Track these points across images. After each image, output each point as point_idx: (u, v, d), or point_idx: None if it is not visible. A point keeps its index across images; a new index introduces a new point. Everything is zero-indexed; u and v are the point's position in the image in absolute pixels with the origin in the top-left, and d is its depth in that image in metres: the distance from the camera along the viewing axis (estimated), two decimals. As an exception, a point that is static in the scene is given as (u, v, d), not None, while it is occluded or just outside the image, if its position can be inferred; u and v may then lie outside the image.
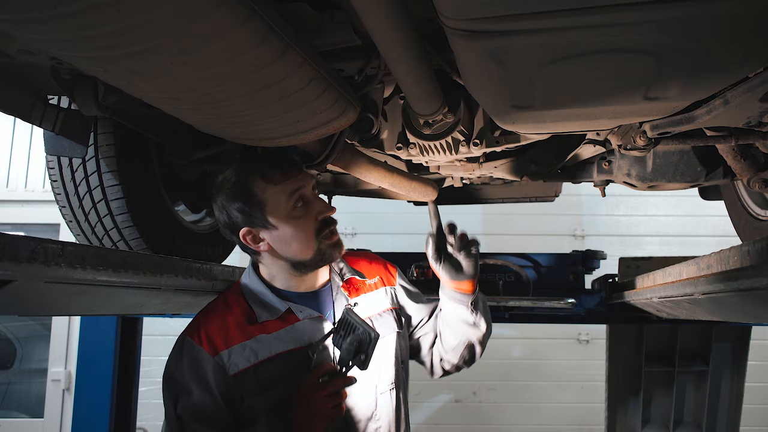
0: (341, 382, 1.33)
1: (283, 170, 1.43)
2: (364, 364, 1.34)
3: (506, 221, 5.36)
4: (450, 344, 1.61)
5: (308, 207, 1.44)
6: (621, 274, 2.81)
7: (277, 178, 1.42)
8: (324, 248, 1.44)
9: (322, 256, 1.45)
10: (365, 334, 1.33)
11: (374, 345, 1.34)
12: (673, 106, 1.23)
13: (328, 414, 1.31)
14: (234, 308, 1.46)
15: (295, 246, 1.44)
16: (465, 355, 1.62)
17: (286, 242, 1.43)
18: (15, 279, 1.01)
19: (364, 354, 1.33)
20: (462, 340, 1.58)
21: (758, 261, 0.96)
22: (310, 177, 1.48)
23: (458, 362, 1.63)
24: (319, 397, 1.30)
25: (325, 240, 1.44)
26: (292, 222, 1.41)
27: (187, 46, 0.89)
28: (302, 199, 1.43)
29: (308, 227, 1.43)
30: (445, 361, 1.65)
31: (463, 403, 5.32)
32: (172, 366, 1.40)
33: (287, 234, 1.42)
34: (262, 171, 1.42)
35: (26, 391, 5.48)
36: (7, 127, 5.52)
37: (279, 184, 1.41)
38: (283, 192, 1.41)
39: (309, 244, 1.43)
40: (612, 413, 3.28)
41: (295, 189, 1.42)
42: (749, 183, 1.68)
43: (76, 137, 1.65)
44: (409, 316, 1.67)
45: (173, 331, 4.89)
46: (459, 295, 1.54)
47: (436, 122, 1.59)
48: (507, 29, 0.88)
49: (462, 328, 1.57)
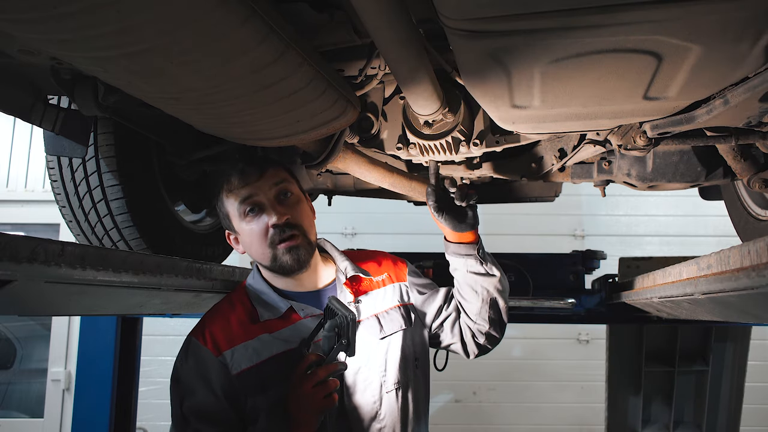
0: (326, 370, 1.33)
1: (240, 176, 1.44)
2: (349, 349, 1.34)
3: (506, 221, 5.36)
4: (473, 309, 1.59)
5: (260, 214, 1.43)
6: (621, 274, 2.81)
7: (234, 184, 1.45)
8: (278, 255, 1.43)
9: (278, 263, 1.44)
10: (342, 318, 1.33)
11: (354, 327, 1.34)
12: (673, 106, 1.23)
13: (320, 405, 1.31)
14: (237, 308, 1.47)
15: (254, 252, 1.47)
16: (491, 315, 1.59)
17: (247, 247, 1.48)
18: (15, 279, 1.01)
19: (345, 338, 1.33)
20: (483, 297, 1.57)
21: (758, 261, 0.96)
22: (271, 183, 1.45)
23: (488, 328, 1.60)
24: (307, 388, 1.30)
25: (278, 247, 1.43)
26: (245, 229, 1.45)
27: (187, 46, 0.89)
28: (255, 205, 1.43)
29: (259, 235, 1.43)
30: (475, 333, 1.62)
31: (463, 403, 5.32)
32: (179, 366, 1.42)
33: (245, 240, 1.47)
34: (227, 176, 1.47)
35: (26, 391, 5.48)
36: (7, 127, 5.52)
37: (234, 191, 1.44)
38: (237, 198, 1.44)
39: (264, 251, 1.44)
40: (612, 413, 3.28)
41: (247, 196, 1.43)
42: (749, 183, 1.68)
43: (76, 137, 1.65)
44: (424, 311, 1.65)
45: (173, 331, 4.90)
46: (464, 247, 1.54)
47: (436, 122, 1.59)
48: (507, 29, 0.88)
49: (477, 282, 1.56)
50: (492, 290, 1.57)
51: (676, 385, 3.15)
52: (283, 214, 1.42)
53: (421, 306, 1.65)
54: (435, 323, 1.65)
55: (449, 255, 1.59)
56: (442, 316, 1.65)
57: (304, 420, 1.32)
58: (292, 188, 1.49)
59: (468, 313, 1.61)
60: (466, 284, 1.58)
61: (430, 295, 1.66)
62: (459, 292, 1.62)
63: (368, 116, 1.68)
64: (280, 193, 1.46)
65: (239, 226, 1.46)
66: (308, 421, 1.32)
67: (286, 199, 1.47)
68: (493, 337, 1.63)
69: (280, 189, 1.46)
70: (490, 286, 1.57)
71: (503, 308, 1.61)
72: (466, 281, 1.58)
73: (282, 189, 1.47)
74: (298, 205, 1.48)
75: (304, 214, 1.48)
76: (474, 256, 1.54)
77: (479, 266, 1.55)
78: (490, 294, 1.57)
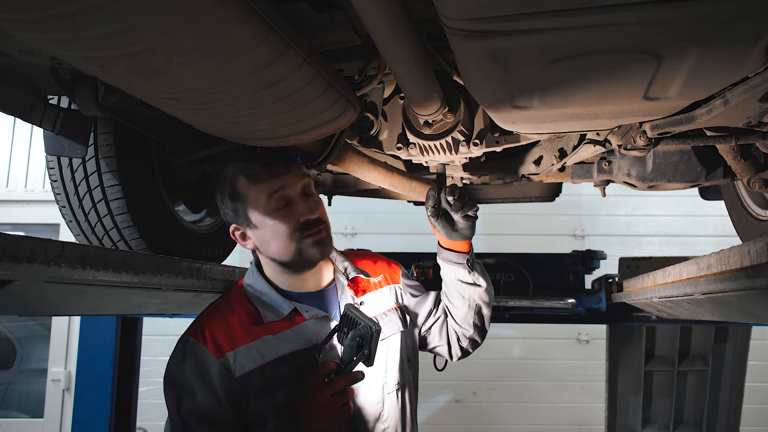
0: (346, 379, 1.32)
1: (269, 169, 1.42)
2: (369, 360, 1.32)
3: (506, 221, 5.36)
4: (459, 314, 1.62)
5: (290, 208, 1.41)
6: (621, 274, 2.81)
7: (261, 177, 1.41)
8: (304, 248, 1.42)
9: (301, 257, 1.43)
10: (366, 328, 1.31)
11: (377, 339, 1.32)
12: (673, 106, 1.23)
13: (337, 413, 1.30)
14: (237, 309, 1.45)
15: (274, 246, 1.44)
16: (476, 322, 1.63)
17: (266, 242, 1.44)
18: (15, 279, 1.01)
19: (367, 349, 1.31)
20: (468, 304, 1.60)
21: (758, 261, 0.96)
22: (298, 178, 1.44)
23: (472, 333, 1.64)
24: (326, 396, 1.29)
25: (305, 240, 1.41)
26: (270, 222, 1.41)
27: (187, 46, 0.89)
28: (285, 199, 1.41)
29: (286, 228, 1.40)
30: (460, 336, 1.66)
31: (463, 403, 5.32)
32: (174, 367, 1.37)
33: (266, 234, 1.43)
34: (249, 169, 1.43)
35: (26, 391, 5.48)
36: (7, 127, 5.52)
37: (260, 184, 1.41)
38: (263, 191, 1.41)
39: (288, 245, 1.41)
40: (612, 413, 3.28)
41: (276, 189, 1.40)
42: (749, 183, 1.68)
43: (76, 137, 1.65)
44: (416, 313, 1.67)
45: (173, 331, 4.90)
46: (454, 255, 1.56)
47: (436, 122, 1.59)
48: (507, 29, 0.88)
49: (464, 290, 1.59)
50: (477, 299, 1.61)
51: (676, 385, 3.16)
52: (314, 209, 1.43)
53: (413, 308, 1.67)
54: (425, 326, 1.68)
55: (440, 259, 1.62)
56: (431, 319, 1.68)
57: (319, 428, 1.30)
58: (313, 187, 1.49)
59: (455, 317, 1.64)
60: (454, 290, 1.61)
61: (421, 298, 1.69)
62: (447, 296, 1.65)
63: (368, 116, 1.67)
64: (306, 188, 1.46)
65: (261, 220, 1.42)
66: (324, 430, 1.30)
67: (311, 196, 1.46)
68: (475, 342, 1.68)
69: (305, 184, 1.45)
70: (476, 295, 1.60)
71: (487, 316, 1.66)
72: (453, 287, 1.61)
73: (307, 184, 1.46)
74: (320, 203, 1.49)
75: (325, 213, 1.49)
76: (463, 265, 1.57)
77: (467, 275, 1.58)
78: (475, 302, 1.61)
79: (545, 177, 2.05)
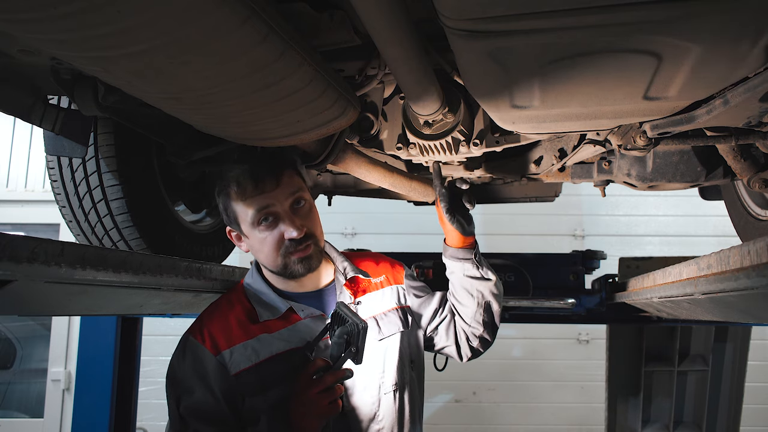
0: (333, 376, 1.32)
1: (256, 184, 1.39)
2: (357, 357, 1.32)
3: (506, 221, 5.36)
4: (467, 313, 1.61)
5: (277, 225, 1.40)
6: (621, 274, 2.81)
7: (248, 192, 1.39)
8: (289, 264, 1.42)
9: (287, 270, 1.43)
10: (353, 325, 1.32)
11: (364, 336, 1.32)
12: (673, 106, 1.23)
13: (325, 410, 1.31)
14: (236, 307, 1.47)
15: (262, 257, 1.46)
16: (485, 318, 1.61)
17: (255, 251, 1.47)
18: (15, 279, 1.01)
19: (354, 346, 1.31)
20: (478, 301, 1.59)
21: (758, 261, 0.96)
22: (287, 194, 1.41)
23: (482, 331, 1.62)
24: (314, 393, 1.30)
25: (290, 257, 1.42)
26: (258, 236, 1.42)
27: (187, 46, 0.89)
28: (271, 216, 1.40)
29: (272, 245, 1.41)
30: (469, 336, 1.64)
31: (463, 403, 5.32)
32: (175, 365, 1.40)
33: (254, 245, 1.45)
34: (238, 181, 1.40)
35: (26, 391, 5.48)
36: (7, 127, 5.52)
37: (248, 199, 1.39)
38: (251, 206, 1.39)
39: (274, 258, 1.42)
40: (612, 413, 3.28)
41: (263, 206, 1.39)
42: (749, 183, 1.68)
43: (76, 137, 1.65)
44: (420, 313, 1.66)
45: (173, 331, 4.90)
46: (462, 251, 1.56)
47: (436, 122, 1.59)
48: (507, 29, 0.88)
49: (473, 285, 1.58)
50: (487, 294, 1.60)
51: (676, 385, 3.15)
52: (301, 226, 1.40)
53: (417, 309, 1.66)
54: (430, 326, 1.67)
55: (447, 258, 1.61)
56: (437, 319, 1.67)
57: (307, 425, 1.31)
58: (305, 195, 1.46)
59: (463, 316, 1.63)
60: (462, 287, 1.60)
61: (426, 299, 1.68)
62: (454, 295, 1.63)
63: (368, 116, 1.67)
64: (295, 202, 1.43)
65: (250, 232, 1.43)
66: (311, 427, 1.31)
67: (301, 208, 1.44)
68: (485, 341, 1.66)
69: (295, 198, 1.43)
70: (485, 290, 1.59)
71: (497, 312, 1.64)
72: (462, 284, 1.60)
73: (297, 198, 1.43)
74: (310, 212, 1.46)
75: (316, 222, 1.47)
76: (471, 260, 1.57)
77: (476, 270, 1.57)
78: (485, 297, 1.60)
79: (545, 177, 2.05)
